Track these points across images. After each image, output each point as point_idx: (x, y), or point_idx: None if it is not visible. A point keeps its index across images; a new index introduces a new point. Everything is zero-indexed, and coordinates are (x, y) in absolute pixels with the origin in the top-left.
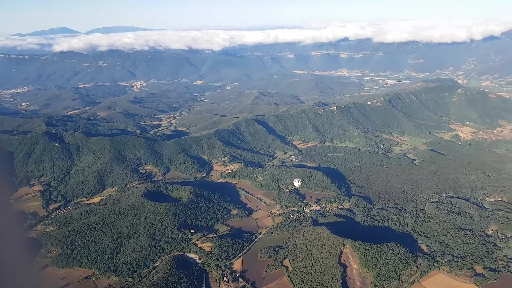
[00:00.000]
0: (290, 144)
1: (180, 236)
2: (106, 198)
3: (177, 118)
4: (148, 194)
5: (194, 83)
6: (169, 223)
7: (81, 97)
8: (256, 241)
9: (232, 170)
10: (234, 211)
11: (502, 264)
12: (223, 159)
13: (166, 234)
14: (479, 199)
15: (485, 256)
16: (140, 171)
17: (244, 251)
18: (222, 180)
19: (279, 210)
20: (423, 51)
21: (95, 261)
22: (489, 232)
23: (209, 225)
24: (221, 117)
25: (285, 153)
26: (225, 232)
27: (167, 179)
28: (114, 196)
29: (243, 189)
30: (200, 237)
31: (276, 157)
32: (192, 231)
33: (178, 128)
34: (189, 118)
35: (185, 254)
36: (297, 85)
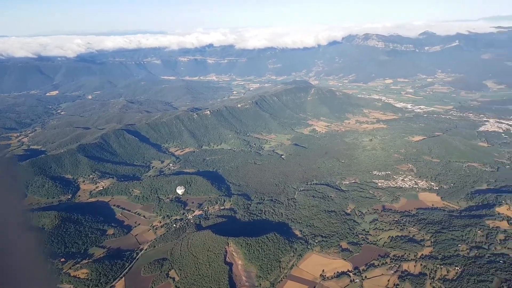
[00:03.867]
0: (167, 152)
1: (48, 267)
2: None
3: (30, 135)
4: None
5: (47, 94)
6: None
7: None
8: (138, 258)
9: (103, 187)
10: (110, 231)
11: (362, 237)
12: (91, 176)
13: None
14: (337, 183)
15: (347, 232)
16: None
17: (126, 270)
18: (93, 200)
19: (160, 222)
20: (280, 56)
21: None
22: (348, 211)
23: (82, 250)
24: (85, 130)
25: (162, 162)
26: (101, 255)
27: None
28: None
29: (118, 206)
30: (73, 265)
31: (152, 167)
32: (63, 259)
33: (32, 147)
34: (44, 134)
35: (58, 286)
36: (167, 91)
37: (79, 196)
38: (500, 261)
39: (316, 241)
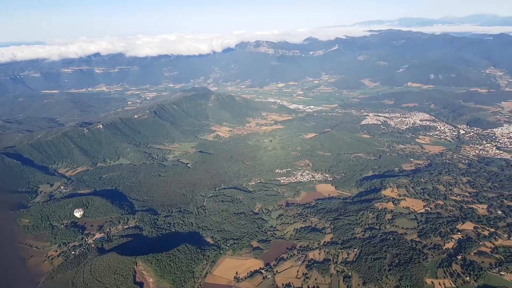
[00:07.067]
0: (56, 174)
1: None
2: None
3: None
4: None
5: None
6: None
7: None
8: None
9: None
10: None
11: (270, 233)
12: None
13: None
14: (244, 185)
15: (257, 231)
16: None
17: None
18: None
19: (57, 251)
20: (175, 64)
21: None
22: (256, 210)
23: None
24: None
25: (52, 185)
26: None
27: None
28: None
29: None
30: None
31: (40, 192)
32: None
33: None
34: None
35: None
36: (51, 106)
37: None
38: (390, 238)
39: (228, 244)
